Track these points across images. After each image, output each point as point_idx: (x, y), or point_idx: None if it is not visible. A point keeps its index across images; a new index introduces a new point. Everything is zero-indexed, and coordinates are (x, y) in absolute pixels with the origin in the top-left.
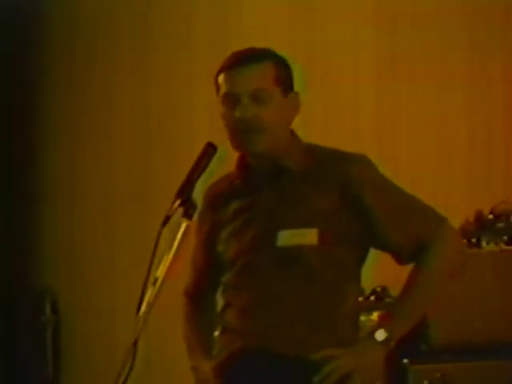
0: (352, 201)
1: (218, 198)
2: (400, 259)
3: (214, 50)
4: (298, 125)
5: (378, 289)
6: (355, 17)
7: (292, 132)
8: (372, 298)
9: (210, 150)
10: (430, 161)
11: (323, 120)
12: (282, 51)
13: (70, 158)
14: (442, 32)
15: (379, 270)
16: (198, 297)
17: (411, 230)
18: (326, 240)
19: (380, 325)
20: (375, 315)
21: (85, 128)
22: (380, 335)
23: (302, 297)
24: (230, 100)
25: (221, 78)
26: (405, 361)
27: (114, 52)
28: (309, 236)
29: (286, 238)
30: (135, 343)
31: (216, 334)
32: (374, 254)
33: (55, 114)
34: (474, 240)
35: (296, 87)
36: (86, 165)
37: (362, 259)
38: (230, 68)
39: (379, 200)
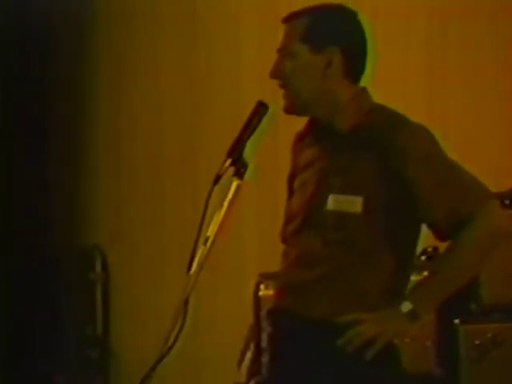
0: (395, 171)
1: (297, 144)
2: (439, 235)
3: (262, 8)
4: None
5: (429, 249)
6: None
7: (358, 91)
8: (423, 257)
9: (261, 108)
10: (481, 123)
11: (372, 81)
12: None
13: (117, 122)
14: None
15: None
16: None
17: (452, 207)
18: (370, 208)
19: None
20: (426, 275)
21: (132, 91)
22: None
23: (338, 262)
24: None
25: None
26: (455, 321)
27: (162, 13)
28: (354, 204)
29: (334, 202)
30: (186, 302)
31: None
32: None
33: (103, 78)
34: None
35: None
36: (134, 127)
37: (407, 230)
38: None
39: (423, 173)
